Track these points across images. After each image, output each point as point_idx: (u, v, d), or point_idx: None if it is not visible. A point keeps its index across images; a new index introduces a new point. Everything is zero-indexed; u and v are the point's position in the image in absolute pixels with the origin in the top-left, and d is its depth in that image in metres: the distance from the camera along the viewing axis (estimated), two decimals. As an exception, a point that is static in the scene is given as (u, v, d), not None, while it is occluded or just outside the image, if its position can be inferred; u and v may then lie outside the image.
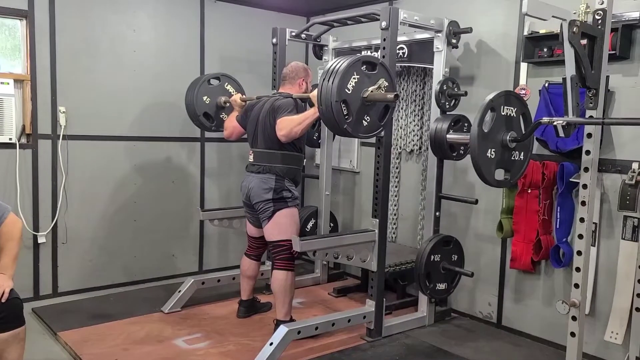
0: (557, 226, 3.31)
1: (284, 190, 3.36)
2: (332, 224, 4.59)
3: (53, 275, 4.03)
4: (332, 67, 2.86)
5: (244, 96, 3.90)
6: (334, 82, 2.80)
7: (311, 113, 3.23)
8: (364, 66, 2.93)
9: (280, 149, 3.37)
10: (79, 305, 3.88)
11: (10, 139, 3.76)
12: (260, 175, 3.38)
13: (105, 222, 4.24)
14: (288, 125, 3.24)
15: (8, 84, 3.72)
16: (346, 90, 2.84)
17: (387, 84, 2.98)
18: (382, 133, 3.22)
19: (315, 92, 3.05)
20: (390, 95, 2.88)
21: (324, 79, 2.86)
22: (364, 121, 2.97)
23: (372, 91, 2.91)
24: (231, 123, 3.76)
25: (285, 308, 3.38)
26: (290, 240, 3.22)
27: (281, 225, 3.35)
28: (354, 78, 2.87)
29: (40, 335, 3.41)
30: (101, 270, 4.24)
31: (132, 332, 3.44)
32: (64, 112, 3.94)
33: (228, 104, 4.02)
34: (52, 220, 3.99)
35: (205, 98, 4.05)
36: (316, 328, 3.20)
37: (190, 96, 4.04)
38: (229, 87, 4.15)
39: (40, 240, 3.95)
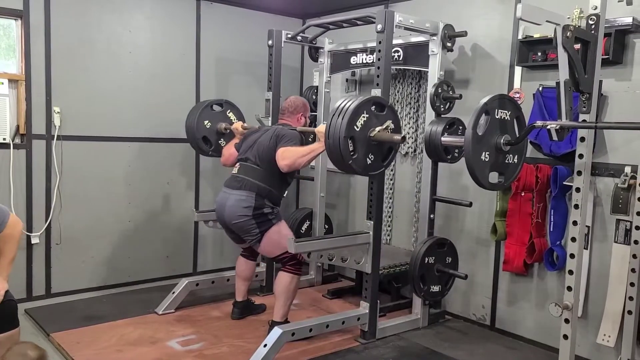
0: (551, 229, 3.33)
1: (265, 207, 3.32)
2: (326, 226, 4.60)
3: (46, 276, 4.02)
4: (343, 105, 2.95)
5: (245, 124, 3.91)
6: (344, 119, 2.88)
7: (317, 146, 3.24)
8: (374, 106, 3.01)
9: (269, 170, 3.34)
10: (72, 307, 3.87)
11: (4, 139, 3.74)
12: (239, 192, 3.32)
13: (99, 223, 4.22)
14: (293, 156, 3.23)
15: (2, 83, 3.71)
16: (355, 127, 2.92)
17: (393, 126, 3.06)
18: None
19: (321, 126, 3.15)
20: (398, 137, 2.97)
21: (333, 115, 2.93)
22: (368, 159, 3.03)
23: (379, 131, 2.99)
24: (228, 150, 3.75)
25: (284, 310, 3.39)
26: None
27: (276, 242, 3.35)
28: (364, 116, 2.95)
29: (33, 336, 3.39)
30: (95, 271, 4.23)
31: (126, 333, 3.43)
32: (58, 112, 3.93)
33: (228, 131, 4.02)
34: (46, 221, 3.97)
35: (206, 122, 4.05)
36: (310, 330, 3.20)
37: (191, 120, 4.03)
38: (231, 115, 4.15)
39: (34, 240, 3.93)
